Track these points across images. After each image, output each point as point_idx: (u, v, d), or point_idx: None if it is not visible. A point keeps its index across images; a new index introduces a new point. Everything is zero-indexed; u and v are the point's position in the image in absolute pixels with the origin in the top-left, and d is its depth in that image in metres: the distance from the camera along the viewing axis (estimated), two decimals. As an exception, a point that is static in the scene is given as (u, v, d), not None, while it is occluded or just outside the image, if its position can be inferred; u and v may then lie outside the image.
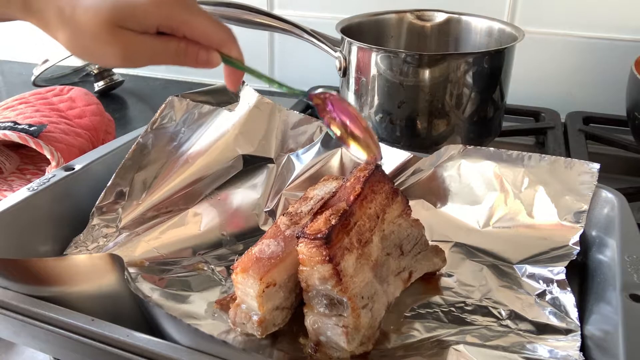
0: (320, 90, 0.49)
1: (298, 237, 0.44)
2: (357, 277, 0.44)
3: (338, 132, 0.50)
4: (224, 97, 0.69)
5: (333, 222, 0.44)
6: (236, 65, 0.47)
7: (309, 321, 0.45)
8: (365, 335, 0.45)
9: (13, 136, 0.67)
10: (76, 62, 1.15)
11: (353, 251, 0.45)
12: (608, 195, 0.55)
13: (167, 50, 0.43)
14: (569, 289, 0.50)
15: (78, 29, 0.41)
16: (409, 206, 0.52)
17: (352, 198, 0.46)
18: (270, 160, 0.67)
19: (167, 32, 0.43)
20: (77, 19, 0.41)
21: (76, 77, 1.16)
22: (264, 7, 1.01)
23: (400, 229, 0.51)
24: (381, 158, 0.50)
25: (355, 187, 0.48)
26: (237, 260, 0.47)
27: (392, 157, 0.63)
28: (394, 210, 0.50)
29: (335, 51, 0.78)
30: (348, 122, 0.49)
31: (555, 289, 0.51)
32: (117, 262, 0.43)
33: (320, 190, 0.54)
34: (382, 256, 0.48)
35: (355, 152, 0.51)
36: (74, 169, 0.58)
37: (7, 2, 0.42)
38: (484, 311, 0.50)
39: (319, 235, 0.43)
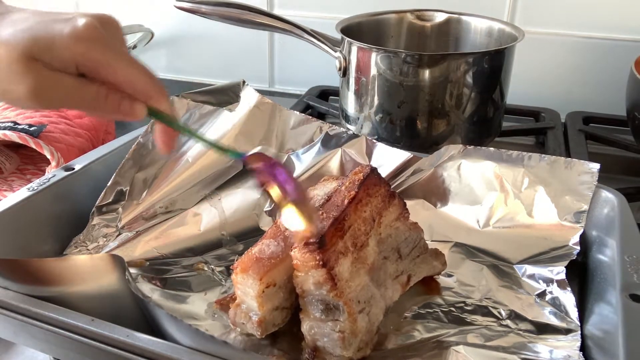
0: (255, 151, 0.44)
1: (292, 243, 0.43)
2: (352, 281, 0.44)
3: (276, 198, 0.43)
4: (225, 97, 0.69)
5: (326, 226, 0.43)
6: (165, 121, 0.42)
7: (306, 327, 0.44)
8: (363, 340, 0.44)
9: (13, 136, 0.67)
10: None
11: (348, 255, 0.44)
12: (608, 195, 0.55)
13: (85, 93, 0.39)
14: (569, 288, 0.50)
15: None
16: (407, 209, 0.52)
17: (346, 202, 0.46)
18: (270, 160, 0.67)
19: (88, 75, 0.39)
20: None
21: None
22: (264, 7, 1.01)
23: (398, 232, 0.51)
24: (315, 236, 0.43)
25: (350, 191, 0.47)
26: (237, 260, 0.47)
27: (392, 157, 0.63)
28: (391, 214, 0.50)
29: (335, 51, 0.78)
30: (290, 190, 0.43)
31: (555, 289, 0.51)
32: (118, 262, 0.43)
33: (320, 191, 0.54)
34: (378, 260, 0.48)
35: (289, 220, 0.43)
36: (74, 169, 0.58)
37: None
38: (484, 311, 0.50)
39: (312, 240, 0.42)
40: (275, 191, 0.43)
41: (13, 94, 0.38)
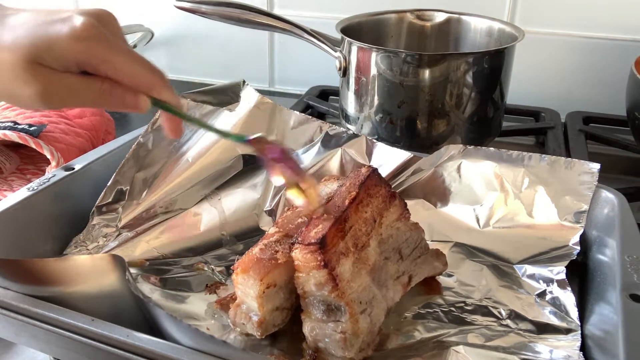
0: (258, 135, 0.46)
1: (292, 244, 0.44)
2: (354, 281, 0.44)
3: (280, 179, 0.46)
4: (225, 97, 0.69)
5: (327, 226, 0.43)
6: (169, 110, 0.43)
7: (307, 328, 0.44)
8: (365, 341, 0.44)
9: (13, 136, 0.67)
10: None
11: (349, 256, 0.44)
12: (608, 195, 0.55)
13: (90, 91, 0.40)
14: (569, 288, 0.50)
15: None
16: (407, 210, 0.52)
17: (347, 202, 0.46)
18: (270, 160, 0.67)
19: (91, 72, 0.40)
20: None
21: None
22: (264, 7, 1.01)
23: (399, 232, 0.51)
24: (319, 210, 0.46)
25: (350, 192, 0.47)
26: (237, 260, 0.47)
27: (392, 157, 0.63)
28: (392, 214, 0.50)
29: (335, 51, 0.78)
30: (290, 171, 0.46)
31: (555, 289, 0.51)
32: (118, 262, 0.43)
33: (321, 191, 0.54)
34: (380, 260, 0.48)
35: (294, 198, 0.46)
36: (74, 169, 0.58)
37: None
38: (484, 311, 0.50)
39: (312, 241, 0.42)
40: (279, 173, 0.46)
41: (21, 99, 0.40)
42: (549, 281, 0.52)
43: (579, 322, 0.47)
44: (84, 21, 0.39)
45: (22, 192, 0.53)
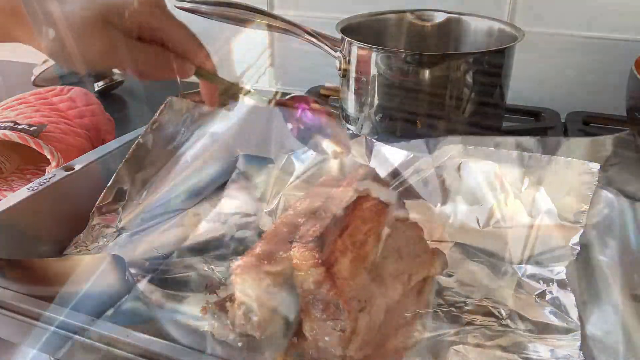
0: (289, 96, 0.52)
1: (291, 242, 0.44)
2: (352, 279, 0.44)
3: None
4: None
5: (325, 225, 0.44)
6: (209, 78, 0.48)
7: (307, 327, 0.44)
8: (365, 339, 0.44)
9: (13, 136, 0.67)
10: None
11: (347, 254, 0.44)
12: (608, 195, 0.55)
13: (147, 52, 0.45)
14: (569, 288, 0.50)
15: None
16: (406, 209, 0.52)
17: (345, 201, 0.46)
18: (270, 161, 0.67)
19: (145, 39, 0.45)
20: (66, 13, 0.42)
21: (76, 78, 1.16)
22: (264, 7, 1.01)
23: (398, 232, 0.51)
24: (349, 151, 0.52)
25: (348, 191, 0.48)
26: (237, 260, 0.47)
27: (392, 157, 0.63)
28: (390, 214, 0.50)
29: (335, 51, 0.78)
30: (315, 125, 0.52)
31: (555, 289, 0.51)
32: (119, 262, 0.43)
33: (320, 190, 0.53)
34: (378, 259, 0.48)
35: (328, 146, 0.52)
36: (74, 169, 0.58)
37: None
38: (484, 311, 0.50)
39: (310, 239, 0.42)
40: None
41: (87, 53, 0.44)
42: (549, 281, 0.52)
43: (579, 322, 0.47)
44: None
45: (22, 192, 0.53)
